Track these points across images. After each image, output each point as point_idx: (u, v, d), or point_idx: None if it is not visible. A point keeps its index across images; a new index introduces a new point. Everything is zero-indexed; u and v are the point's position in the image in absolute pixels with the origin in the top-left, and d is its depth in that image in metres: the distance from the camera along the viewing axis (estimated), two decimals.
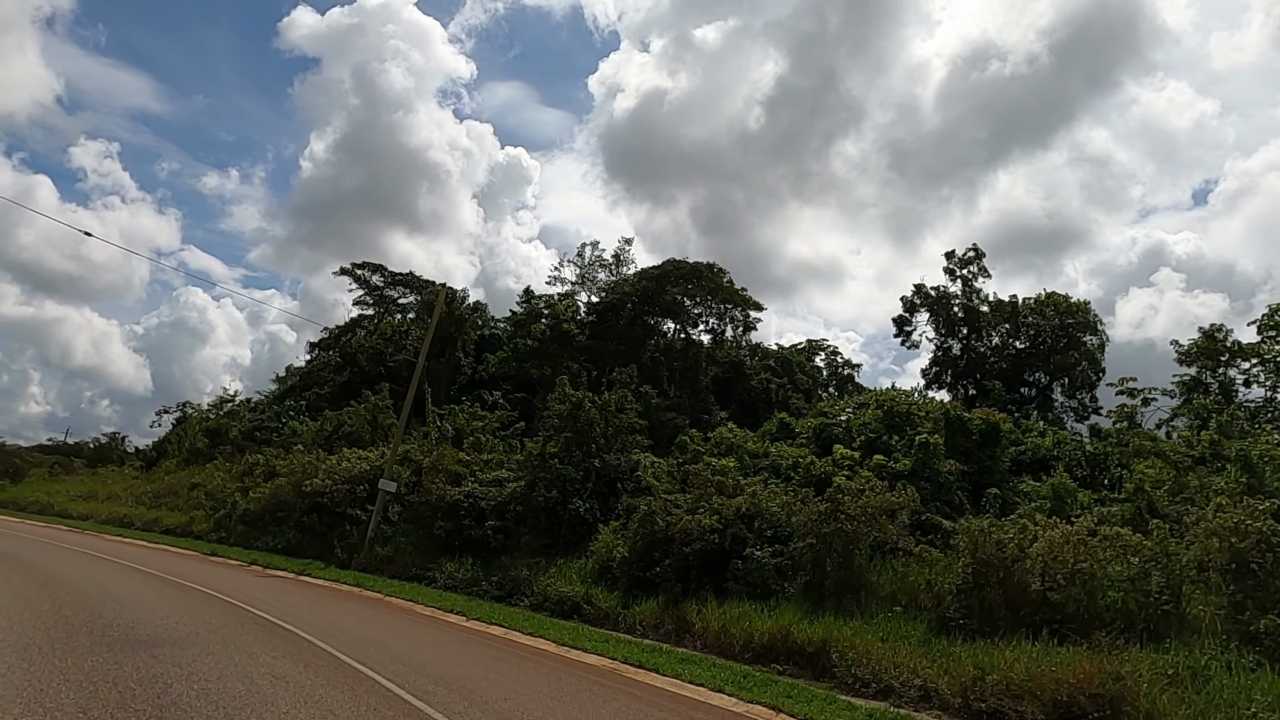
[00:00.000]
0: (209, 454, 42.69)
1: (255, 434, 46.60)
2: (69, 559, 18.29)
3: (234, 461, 40.47)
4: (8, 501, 38.00)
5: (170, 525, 31.83)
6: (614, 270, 51.11)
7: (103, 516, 34.43)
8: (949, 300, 38.91)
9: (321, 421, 41.31)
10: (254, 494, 31.55)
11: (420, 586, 20.74)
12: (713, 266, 40.32)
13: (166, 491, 36.72)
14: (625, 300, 41.29)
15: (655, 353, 40.43)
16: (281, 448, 37.35)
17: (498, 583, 20.06)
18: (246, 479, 34.72)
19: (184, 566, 20.34)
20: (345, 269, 57.88)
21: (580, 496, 22.16)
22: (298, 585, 19.43)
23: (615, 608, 17.15)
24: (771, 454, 23.69)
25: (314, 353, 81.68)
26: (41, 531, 27.09)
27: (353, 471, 27.76)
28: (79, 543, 23.98)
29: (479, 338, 53.09)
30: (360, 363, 53.18)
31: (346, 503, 27.15)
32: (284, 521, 28.87)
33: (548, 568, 19.98)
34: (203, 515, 32.12)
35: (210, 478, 36.91)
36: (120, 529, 31.97)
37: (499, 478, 25.03)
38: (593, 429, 23.96)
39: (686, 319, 42.03)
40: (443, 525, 23.54)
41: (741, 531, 17.48)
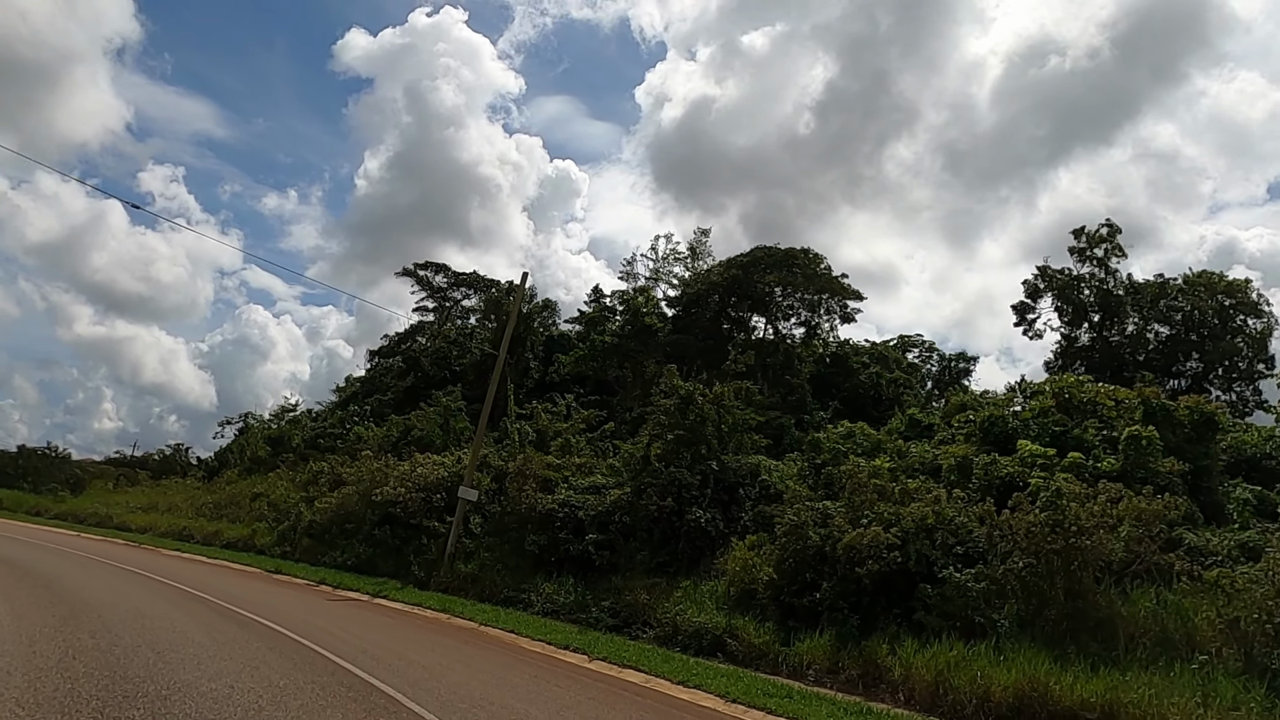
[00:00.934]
0: (271, 463, 40.50)
1: (318, 441, 44.40)
2: (111, 580, 15.53)
3: (297, 470, 38.16)
4: (66, 513, 36.26)
5: (231, 539, 29.39)
6: (689, 264, 47.85)
7: (162, 529, 32.26)
8: (1079, 283, 34.55)
9: (388, 426, 38.75)
10: (319, 504, 28.90)
11: (516, 612, 17.54)
12: (807, 252, 36.63)
13: (228, 502, 34.45)
14: (710, 292, 37.83)
15: (745, 347, 36.87)
16: (347, 455, 34.82)
17: (610, 609, 16.71)
18: (311, 488, 32.20)
19: (245, 589, 17.51)
20: (407, 270, 55.64)
21: (699, 505, 18.75)
22: (376, 612, 16.38)
23: (770, 644, 13.65)
24: (913, 452, 19.98)
25: (374, 360, 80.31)
26: (93, 546, 24.77)
27: (428, 478, 24.82)
28: (130, 559, 21.44)
29: (547, 338, 50.20)
30: (424, 367, 50.78)
31: (421, 513, 24.22)
32: (353, 534, 26.10)
33: (669, 590, 16.59)
34: (265, 528, 29.60)
35: (273, 487, 34.53)
36: (179, 543, 29.66)
37: (596, 484, 21.78)
38: (705, 426, 20.58)
39: (777, 310, 38.38)
40: (535, 539, 20.34)
41: (925, 548, 13.86)
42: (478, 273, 55.05)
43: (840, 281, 36.48)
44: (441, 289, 55.83)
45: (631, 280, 48.72)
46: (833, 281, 36.54)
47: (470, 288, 55.85)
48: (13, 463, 59.43)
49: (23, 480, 54.23)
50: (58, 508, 36.92)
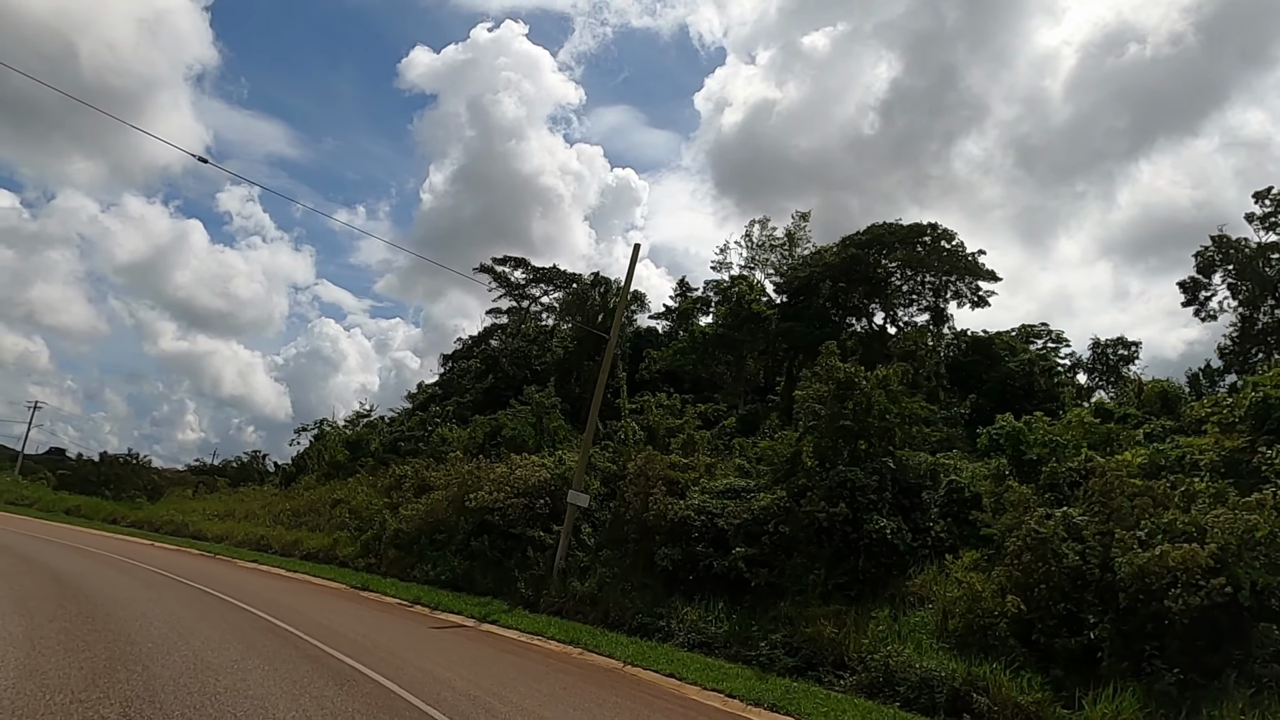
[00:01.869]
0: (349, 468, 38.20)
1: (398, 445, 42.05)
2: (175, 606, 12.70)
3: (377, 475, 35.71)
4: (142, 521, 34.53)
5: (312, 549, 26.84)
6: (787, 250, 44.10)
7: (238, 538, 30.05)
8: (1264, 255, 29.60)
9: (472, 427, 36.00)
10: (405, 512, 26.15)
11: (660, 645, 14.17)
12: (935, 227, 32.48)
13: (307, 509, 32.10)
14: (820, 276, 34.00)
15: (865, 338, 32.97)
16: (431, 458, 32.14)
17: (785, 644, 13.14)
18: (394, 494, 29.55)
19: (334, 614, 14.55)
20: (484, 266, 53.25)
21: (877, 511, 15.08)
22: (493, 645, 13.18)
23: (1043, 704, 9.91)
24: (1161, 446, 15.85)
25: (447, 365, 78.76)
26: (163, 559, 22.40)
27: (529, 481, 21.70)
28: (202, 574, 18.82)
29: (633, 334, 46.98)
30: (503, 367, 48.15)
31: (523, 521, 21.12)
32: (445, 545, 23.19)
33: (861, 621, 12.96)
34: (347, 537, 26.97)
35: (353, 493, 32.04)
36: (256, 553, 27.27)
37: (734, 487, 18.29)
38: (869, 416, 16.90)
39: (896, 295, 34.31)
40: (667, 553, 16.94)
41: (1259, 573, 9.95)
42: (558, 266, 52.23)
43: (974, 261, 32.23)
44: (519, 285, 53.27)
45: (724, 269, 45.19)
46: (964, 260, 32.31)
47: (549, 283, 53.13)
48: (95, 470, 59.08)
49: (104, 487, 53.59)
50: (134, 515, 35.24)
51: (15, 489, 48.09)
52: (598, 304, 44.10)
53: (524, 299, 53.97)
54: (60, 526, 31.38)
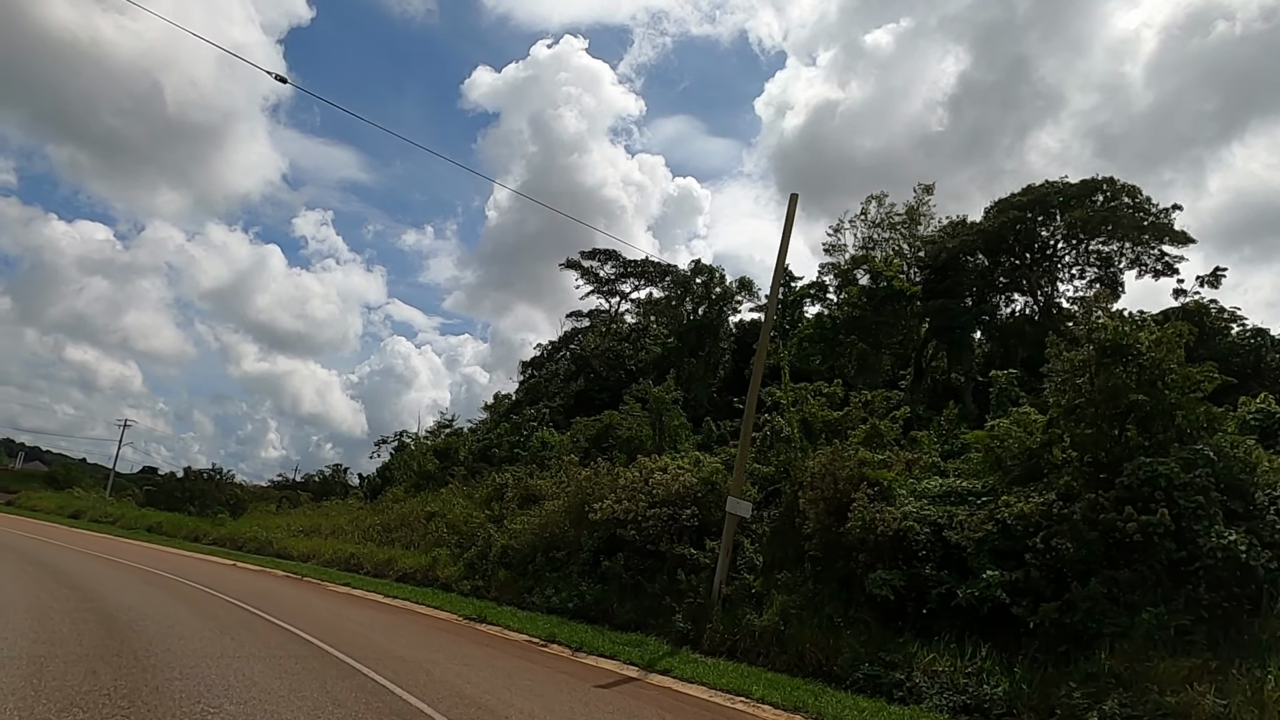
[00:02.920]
0: (440, 477, 35.11)
1: (490, 452, 38.89)
2: (260, 664, 9.20)
3: (472, 485, 32.48)
4: (224, 538, 32.02)
5: (408, 569, 23.54)
6: (908, 228, 39.44)
7: (326, 556, 27.06)
8: None
9: (573, 431, 32.44)
10: (514, 525, 22.64)
11: (910, 709, 10.03)
12: (1113, 182, 27.51)
13: (398, 524, 28.97)
14: (971, 247, 29.34)
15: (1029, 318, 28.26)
16: (534, 464, 28.67)
17: (1125, 717, 8.87)
18: (495, 505, 26.15)
19: (455, 659, 10.93)
20: (572, 261, 50.06)
21: (1207, 518, 10.66)
22: (694, 715, 9.26)
23: None
24: None
25: (527, 372, 76.27)
26: (245, 583, 19.32)
27: (671, 489, 17.84)
28: (291, 607, 15.50)
29: (737, 326, 42.85)
30: (595, 368, 44.67)
31: (666, 536, 17.28)
32: (564, 565, 19.55)
33: (1242, 681, 8.61)
34: (448, 555, 23.59)
35: (448, 505, 28.80)
36: (347, 574, 24.13)
37: (957, 489, 14.06)
38: (1158, 388, 12.48)
39: (1057, 267, 29.40)
40: (884, 577, 12.79)
41: None
42: (650, 257, 48.54)
43: (1162, 220, 27.14)
44: (608, 280, 49.80)
45: (837, 252, 40.74)
46: (1150, 220, 27.25)
47: (640, 277, 49.50)
48: (180, 486, 57.97)
49: (189, 503, 52.17)
50: (216, 532, 32.80)
51: (100, 506, 46.76)
52: (701, 293, 40.18)
53: (613, 295, 50.48)
54: (137, 546, 28.98)
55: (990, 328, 30.54)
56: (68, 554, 21.71)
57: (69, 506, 47.31)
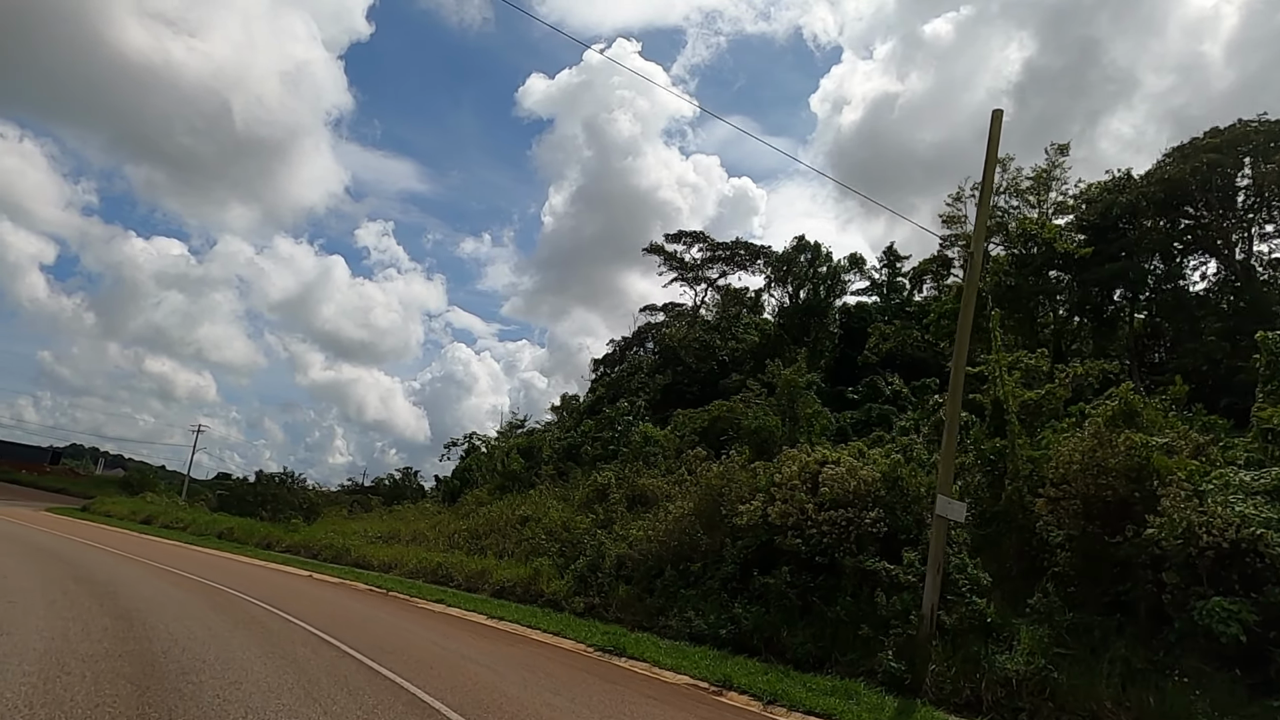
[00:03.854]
0: (525, 478, 32.05)
1: (576, 451, 35.74)
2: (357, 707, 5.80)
3: (566, 486, 29.32)
4: (298, 545, 29.46)
5: (506, 582, 20.34)
6: (1037, 194, 34.91)
7: (409, 566, 24.11)
8: None
9: (675, 423, 28.99)
10: (627, 531, 19.28)
11: None
12: None
13: (487, 529, 25.88)
14: (1147, 202, 24.85)
15: (1226, 281, 23.70)
16: (636, 461, 25.29)
17: None
18: (598, 508, 22.86)
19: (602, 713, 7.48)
20: (654, 246, 46.60)
21: None
22: None
23: None
24: None
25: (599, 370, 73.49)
26: (326, 601, 16.37)
27: (846, 486, 14.15)
28: (382, 635, 12.35)
29: (841, 312, 38.82)
30: (683, 359, 41.15)
31: (843, 545, 13.62)
32: (703, 579, 16.07)
33: None
34: (550, 566, 20.31)
35: (541, 509, 25.63)
36: (436, 587, 21.10)
37: None
38: None
39: (1257, 220, 24.73)
40: (1227, 608, 8.90)
41: None
42: (741, 239, 44.65)
43: None
44: (694, 265, 46.22)
45: (956, 224, 36.40)
46: None
47: (730, 263, 45.77)
48: (251, 490, 56.49)
49: (260, 508, 50.44)
50: (290, 538, 30.29)
51: (172, 511, 45.14)
52: (804, 273, 36.31)
53: (697, 282, 46.89)
54: (205, 555, 26.52)
55: (1167, 296, 25.93)
56: (126, 566, 19.11)
57: (141, 511, 45.80)
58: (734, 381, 36.08)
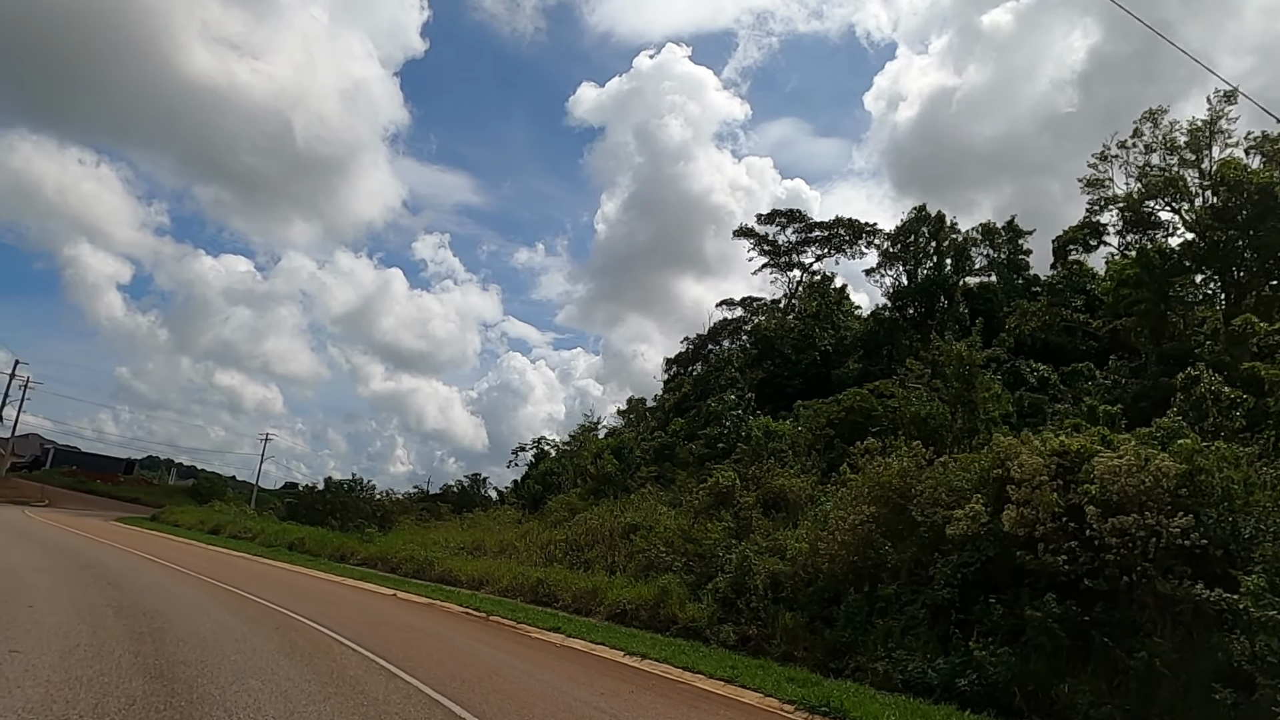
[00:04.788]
0: (621, 481, 28.66)
1: (671, 451, 32.29)
2: None
3: (671, 489, 25.88)
4: (375, 558, 26.56)
5: (625, 604, 16.89)
6: (1196, 150, 30.20)
7: (503, 583, 20.89)
8: None
9: (801, 415, 25.26)
10: (780, 542, 15.68)
11: None
12: None
13: (587, 539, 22.53)
14: None
15: None
16: (765, 459, 21.64)
17: None
18: (724, 513, 19.29)
19: None
20: (745, 229, 42.90)
21: None
22: None
23: None
24: None
25: (672, 369, 70.11)
26: (420, 629, 13.23)
27: (1136, 483, 10.26)
28: (510, 686, 9.04)
29: (965, 294, 34.49)
30: (783, 350, 37.32)
31: (1136, 565, 9.76)
32: (904, 607, 12.39)
33: None
34: (678, 585, 16.79)
35: (648, 515, 22.21)
36: (540, 609, 17.79)
37: None
38: None
39: None
40: None
41: None
42: (842, 217, 40.46)
43: None
44: (787, 249, 42.31)
45: (1099, 188, 31.86)
46: None
47: (826, 245, 41.72)
48: (320, 499, 54.36)
49: (329, 516, 48.17)
50: (364, 550, 27.41)
51: (240, 520, 43.05)
52: (926, 247, 32.21)
53: (790, 267, 42.94)
54: (275, 569, 23.76)
55: None
56: (183, 587, 16.24)
57: (209, 521, 43.90)
58: (848, 370, 32.19)
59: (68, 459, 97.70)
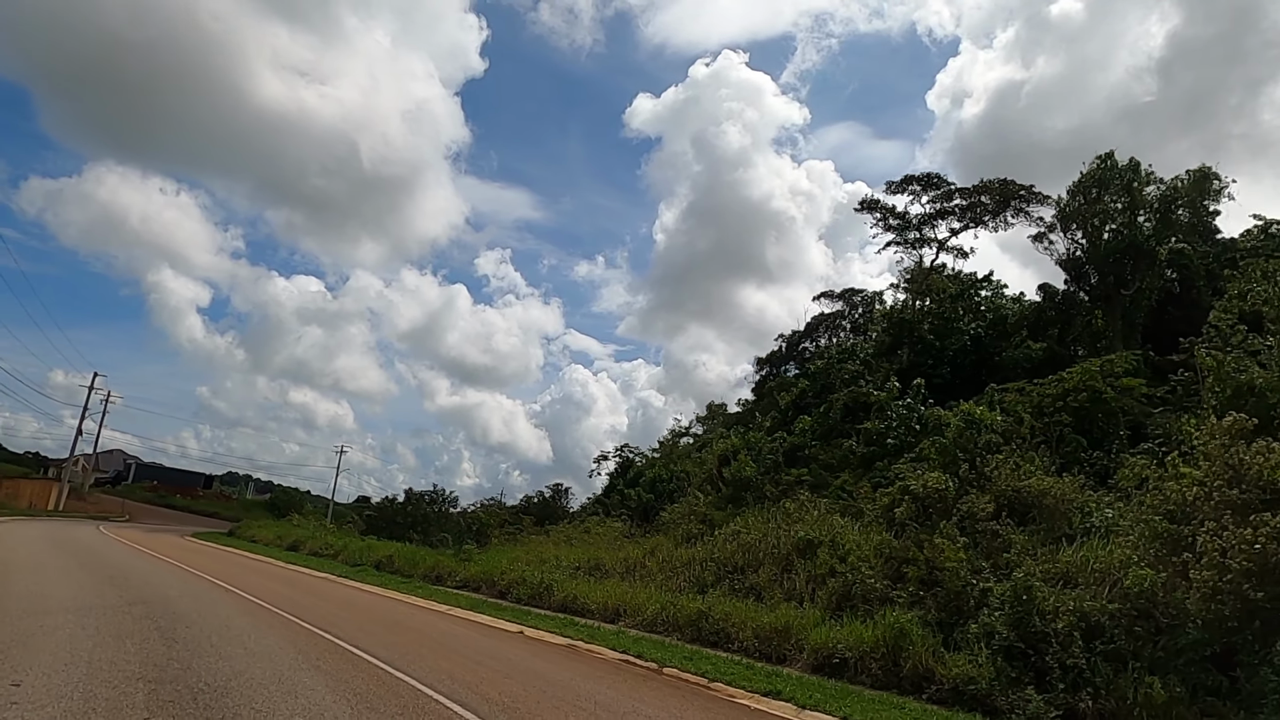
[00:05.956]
0: (758, 485, 24.08)
1: (802, 453, 27.67)
2: None
3: (827, 494, 21.30)
4: (477, 579, 22.43)
5: (842, 650, 12.32)
6: None
7: (647, 615, 16.57)
8: None
9: (988, 401, 20.39)
10: (1052, 566, 10.95)
11: None
12: None
13: (747, 558, 18.00)
14: None
15: None
16: (979, 454, 16.84)
17: None
18: (943, 526, 14.56)
19: None
20: (869, 201, 37.94)
21: None
22: None
23: None
24: None
25: (763, 369, 65.66)
26: (587, 691, 9.04)
27: None
28: None
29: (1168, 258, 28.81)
30: (925, 337, 32.27)
31: None
32: None
33: None
34: (914, 622, 12.12)
35: (824, 528, 17.59)
36: (715, 653, 13.39)
37: None
38: None
39: None
40: None
41: None
42: (988, 179, 34.96)
43: None
44: (918, 222, 37.12)
45: None
46: None
47: (964, 215, 36.37)
48: (400, 511, 51.29)
49: (410, 530, 44.89)
50: (464, 571, 23.41)
51: (320, 535, 39.89)
52: (1119, 202, 26.80)
53: (920, 244, 37.72)
54: (368, 596, 19.88)
55: None
56: (261, 634, 12.30)
57: (287, 536, 40.88)
58: (1027, 351, 27.07)
59: (149, 474, 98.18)
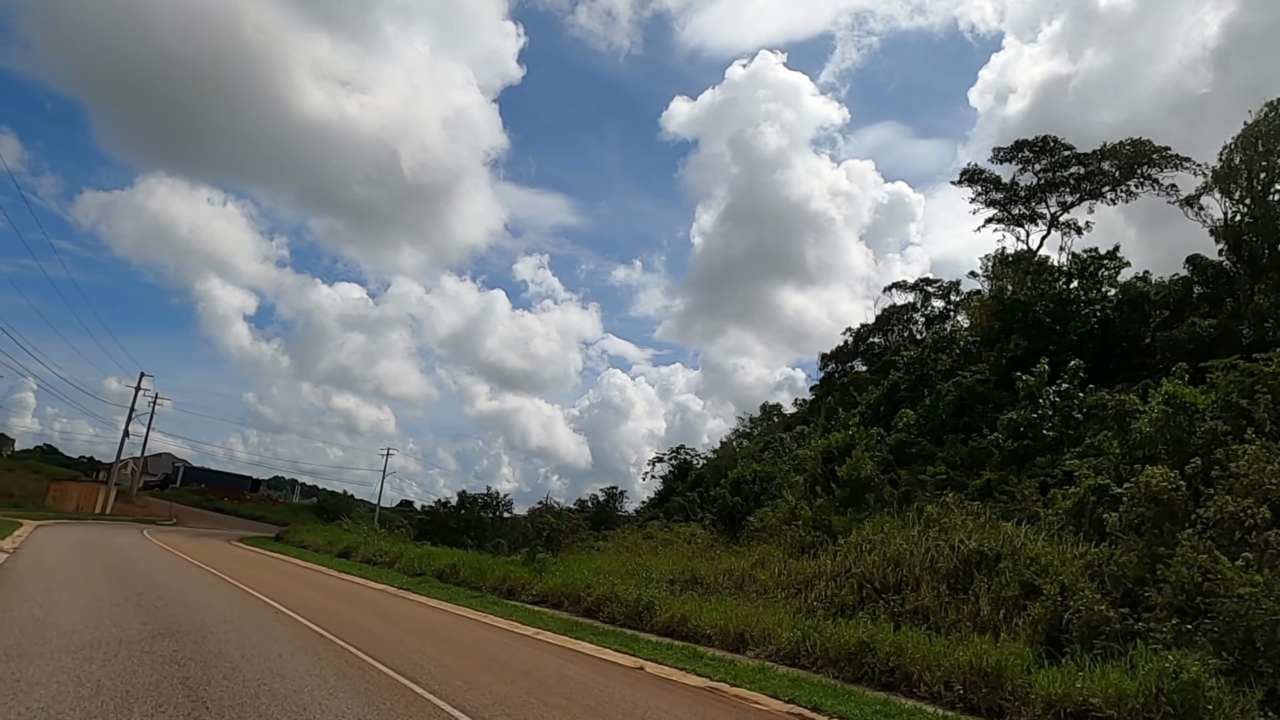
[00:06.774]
0: (878, 487, 20.82)
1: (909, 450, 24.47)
2: None
3: (971, 497, 18.03)
4: (557, 593, 19.56)
5: (1091, 703, 9.16)
6: None
7: (780, 645, 13.54)
8: None
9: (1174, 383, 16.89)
10: None
11: None
12: None
13: (899, 574, 14.81)
14: None
15: None
16: (1193, 447, 13.48)
17: None
18: (1177, 534, 11.24)
19: None
20: (971, 171, 34.39)
21: None
22: None
23: None
24: None
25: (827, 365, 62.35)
26: None
27: None
28: None
29: None
30: (1042, 321, 28.73)
31: None
32: None
33: None
34: (1200, 668, 8.86)
35: (986, 537, 14.34)
36: (888, 696, 10.34)
37: None
38: None
39: None
40: None
41: None
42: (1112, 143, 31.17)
43: None
44: (1025, 195, 33.44)
45: None
46: None
47: (1078, 188, 32.64)
48: (454, 515, 48.84)
49: (464, 535, 42.41)
50: (541, 583, 20.58)
51: (373, 541, 37.43)
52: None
53: (1023, 221, 34.01)
54: (442, 616, 17.03)
55: None
56: (329, 689, 9.51)
57: (338, 542, 38.51)
58: (1182, 332, 23.43)
59: (197, 477, 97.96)
